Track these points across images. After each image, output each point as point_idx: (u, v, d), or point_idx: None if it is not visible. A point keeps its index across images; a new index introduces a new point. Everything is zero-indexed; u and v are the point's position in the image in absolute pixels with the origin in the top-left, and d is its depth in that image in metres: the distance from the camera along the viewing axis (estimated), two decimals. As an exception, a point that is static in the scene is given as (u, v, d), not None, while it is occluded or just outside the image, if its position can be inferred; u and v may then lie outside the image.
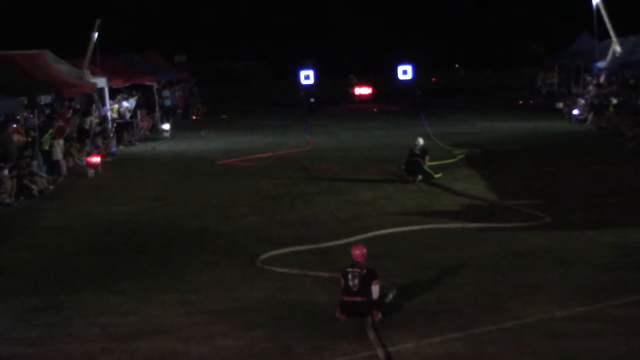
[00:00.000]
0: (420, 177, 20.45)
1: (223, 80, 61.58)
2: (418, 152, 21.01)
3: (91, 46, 29.93)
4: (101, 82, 30.60)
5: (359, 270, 10.29)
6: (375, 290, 10.29)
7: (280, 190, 20.07)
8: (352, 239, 14.34)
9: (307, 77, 50.47)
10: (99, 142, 27.14)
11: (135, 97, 34.45)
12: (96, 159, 24.11)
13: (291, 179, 21.68)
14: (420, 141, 21.43)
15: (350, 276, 10.27)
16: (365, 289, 10.20)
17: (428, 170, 20.77)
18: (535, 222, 15.55)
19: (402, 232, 15.18)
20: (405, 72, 50.06)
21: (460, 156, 24.90)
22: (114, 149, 28.62)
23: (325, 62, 54.17)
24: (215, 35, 66.62)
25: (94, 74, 30.03)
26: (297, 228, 15.86)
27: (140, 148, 30.68)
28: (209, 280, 12.36)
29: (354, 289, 10.20)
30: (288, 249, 14.02)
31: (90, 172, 23.44)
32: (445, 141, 28.60)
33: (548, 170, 21.86)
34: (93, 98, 30.38)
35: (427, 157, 21.08)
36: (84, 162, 24.54)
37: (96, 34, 30.10)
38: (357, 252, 10.44)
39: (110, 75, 31.76)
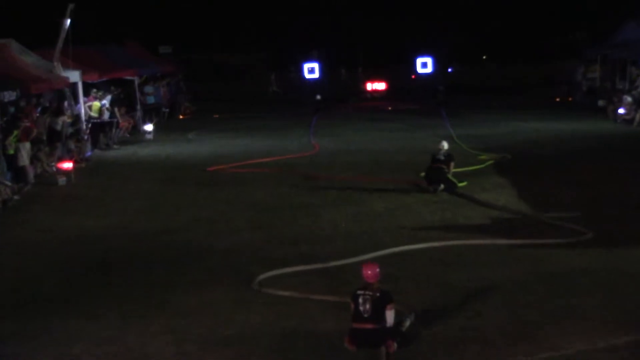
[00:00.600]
0: (442, 186, 20.47)
1: (214, 75, 61.74)
2: (442, 157, 21.00)
3: (62, 35, 29.98)
4: (74, 75, 30.65)
5: (371, 293, 10.28)
6: (390, 316, 10.27)
7: (280, 201, 20.11)
8: (363, 257, 14.38)
9: (311, 71, 50.60)
10: (72, 145, 27.21)
11: (111, 94, 34.48)
12: (68, 165, 24.17)
13: (293, 188, 21.71)
14: (445, 145, 21.42)
15: (361, 300, 10.27)
16: (378, 314, 10.20)
17: (452, 179, 20.79)
18: (575, 238, 15.54)
19: (421, 249, 15.19)
20: (424, 65, 50.16)
21: (489, 162, 24.90)
22: (88, 154, 28.68)
23: (332, 53, 54.21)
24: (205, 23, 66.73)
25: (66, 66, 30.09)
26: (300, 245, 15.88)
27: (119, 152, 30.74)
28: (198, 305, 12.39)
29: (366, 315, 10.20)
30: (289, 268, 14.04)
31: (61, 180, 23.49)
32: (471, 144, 28.63)
33: (589, 178, 21.85)
34: (65, 94, 30.46)
35: (452, 164, 21.08)
36: (54, 169, 24.59)
37: (68, 21, 30.16)
38: (369, 272, 10.44)
39: (84, 68, 31.82)
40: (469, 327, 11.05)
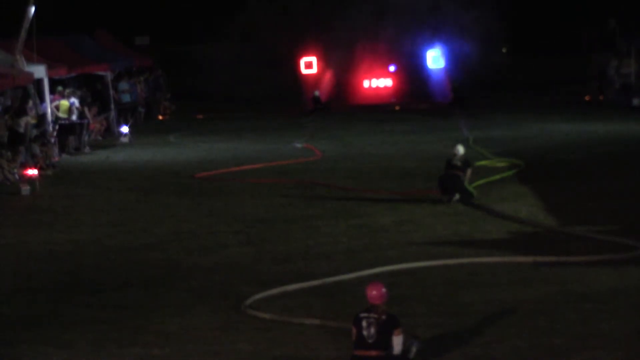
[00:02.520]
0: (457, 196, 20.52)
1: (198, 69, 61.69)
2: (458, 163, 20.98)
3: (26, 25, 30.03)
4: (39, 71, 30.69)
5: (376, 317, 10.34)
6: (397, 342, 10.32)
7: (272, 213, 20.14)
8: (365, 273, 14.48)
9: (309, 65, 50.71)
10: (37, 149, 27.22)
11: (81, 92, 34.53)
12: (32, 172, 24.19)
13: (286, 198, 21.75)
14: (460, 150, 21.34)
15: (365, 323, 10.32)
16: (384, 340, 10.26)
17: (469, 188, 20.84)
18: (622, 254, 15.55)
19: (433, 267, 15.25)
20: (436, 58, 50.21)
21: (509, 172, 24.68)
22: (55, 159, 28.71)
23: (332, 44, 54.15)
24: (187, 11, 66.64)
25: (30, 60, 30.14)
26: (294, 262, 15.93)
27: (90, 157, 30.79)
28: (179, 330, 12.42)
29: (370, 340, 10.25)
30: (282, 288, 14.08)
31: (25, 189, 23.51)
32: (490, 149, 28.71)
33: (623, 187, 21.93)
34: (28, 92, 30.49)
35: (469, 171, 21.08)
36: (17, 176, 24.63)
37: (32, 9, 30.22)
38: (374, 292, 10.49)
39: (50, 62, 31.90)
40: (485, 356, 11.09)
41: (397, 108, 46.48)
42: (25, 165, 24.87)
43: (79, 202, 22.44)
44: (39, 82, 31.07)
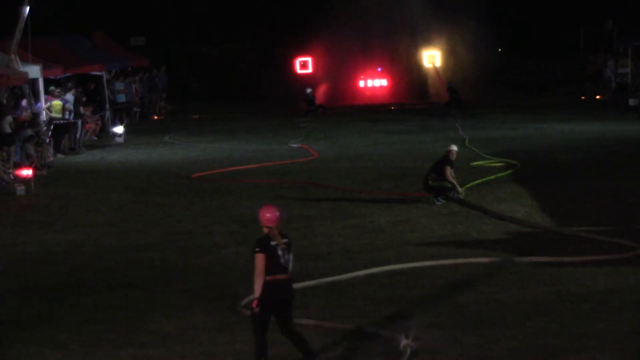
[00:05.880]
0: (440, 200, 20.46)
1: (193, 70, 61.68)
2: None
3: (21, 24, 30.01)
4: (34, 71, 30.67)
5: (287, 241, 10.75)
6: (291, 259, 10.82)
7: (268, 214, 20.11)
8: (361, 273, 14.55)
9: (304, 65, 50.75)
10: (31, 149, 27.19)
11: (74, 90, 34.45)
12: (27, 172, 24.18)
13: (282, 199, 21.74)
14: (454, 148, 21.32)
15: (280, 252, 10.64)
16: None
17: (446, 184, 20.65)
18: (620, 254, 15.57)
19: (429, 267, 15.26)
20: (432, 58, 50.26)
21: (505, 172, 24.72)
22: (50, 159, 28.69)
23: (327, 45, 54.20)
24: (182, 12, 66.60)
25: (25, 60, 30.12)
26: (291, 262, 15.95)
27: (85, 157, 30.77)
28: (175, 330, 12.43)
29: (287, 265, 10.67)
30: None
31: (20, 190, 23.49)
32: (486, 149, 28.72)
33: (619, 187, 21.94)
34: (23, 92, 30.47)
35: (447, 168, 20.83)
36: (12, 176, 24.62)
37: (27, 9, 30.20)
38: (269, 215, 10.76)
39: (45, 62, 31.88)
40: (481, 356, 11.11)
41: (392, 108, 46.49)
42: (19, 166, 24.84)
43: (74, 203, 22.42)
44: (34, 82, 31.03)
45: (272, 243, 10.58)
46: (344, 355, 10.49)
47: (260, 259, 10.47)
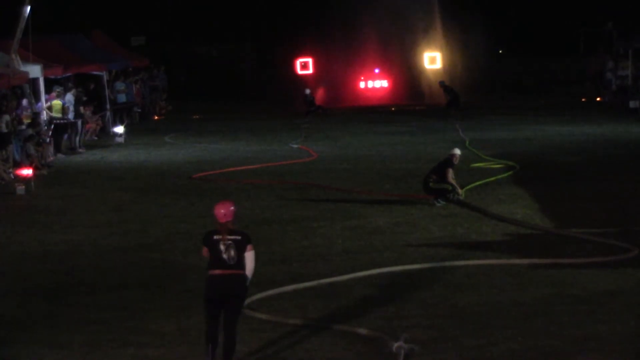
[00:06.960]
0: (440, 201, 20.48)
1: (194, 69, 61.69)
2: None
3: (21, 24, 30.03)
4: (34, 70, 30.68)
5: (233, 239, 10.78)
6: (250, 258, 10.90)
7: (267, 214, 20.15)
8: (361, 274, 14.56)
9: (304, 66, 50.77)
10: (32, 149, 27.19)
11: (74, 90, 34.45)
12: (27, 172, 24.17)
13: (282, 200, 21.76)
14: (457, 152, 21.29)
15: (222, 247, 10.72)
16: (242, 259, 10.85)
17: (447, 186, 20.66)
18: (616, 256, 15.57)
19: (428, 268, 15.28)
20: (432, 60, 50.30)
21: (505, 173, 24.72)
22: (50, 159, 28.70)
23: (328, 46, 54.24)
24: (182, 11, 66.61)
25: (25, 60, 30.13)
26: (290, 263, 15.95)
27: (85, 157, 30.76)
28: (175, 331, 12.45)
29: (231, 262, 10.71)
30: (278, 289, 14.13)
31: (20, 189, 23.49)
32: (486, 151, 28.74)
33: (619, 189, 21.97)
34: (24, 91, 30.47)
35: (449, 170, 20.88)
36: (12, 176, 24.62)
37: (28, 8, 30.21)
38: (223, 211, 10.85)
39: (46, 61, 31.89)
40: (481, 358, 11.12)
41: (393, 109, 46.50)
42: (20, 165, 24.84)
43: (74, 202, 22.42)
44: (34, 82, 31.04)
45: (215, 237, 10.73)
46: (340, 357, 10.49)
47: (205, 252, 10.84)
